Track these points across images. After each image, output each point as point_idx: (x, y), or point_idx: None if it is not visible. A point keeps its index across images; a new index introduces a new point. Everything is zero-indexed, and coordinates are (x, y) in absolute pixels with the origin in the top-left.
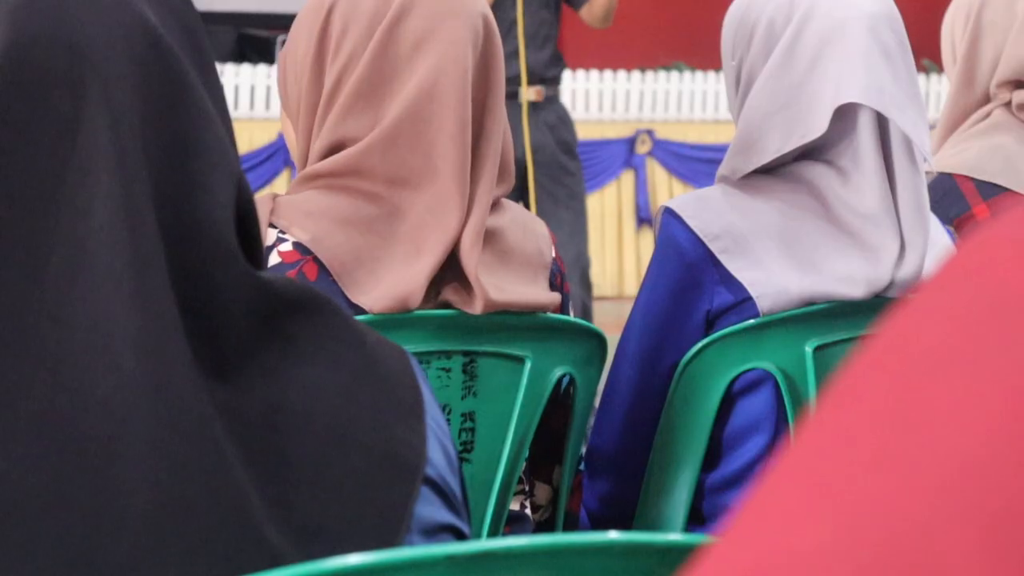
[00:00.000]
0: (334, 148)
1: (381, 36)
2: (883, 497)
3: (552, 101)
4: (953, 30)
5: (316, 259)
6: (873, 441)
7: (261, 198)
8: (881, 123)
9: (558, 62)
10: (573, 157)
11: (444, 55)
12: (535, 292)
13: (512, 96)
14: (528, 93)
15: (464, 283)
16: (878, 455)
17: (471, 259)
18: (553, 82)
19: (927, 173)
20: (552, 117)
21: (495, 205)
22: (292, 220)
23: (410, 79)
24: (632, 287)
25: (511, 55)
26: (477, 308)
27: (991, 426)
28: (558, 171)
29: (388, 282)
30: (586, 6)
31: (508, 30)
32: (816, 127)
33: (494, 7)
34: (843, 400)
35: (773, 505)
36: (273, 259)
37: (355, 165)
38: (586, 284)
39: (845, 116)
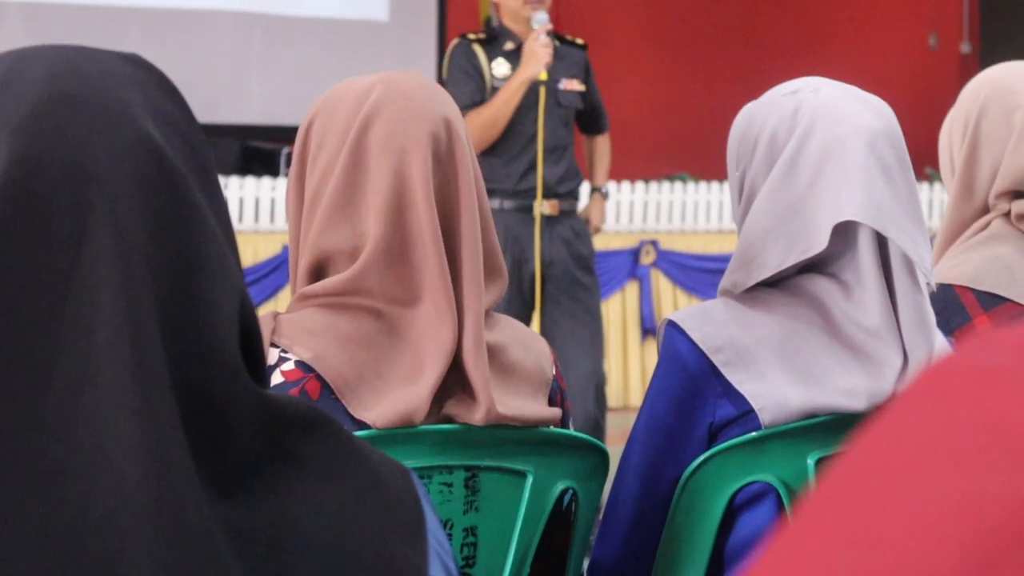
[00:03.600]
0: (320, 261)
1: (350, 146)
2: None
3: (568, 215)
4: (951, 141)
5: (319, 376)
6: (828, 558)
7: (262, 317)
8: (881, 239)
9: (575, 176)
10: (589, 272)
11: (402, 162)
12: (536, 408)
13: (527, 209)
14: (543, 207)
15: (466, 394)
16: (832, 572)
17: (478, 370)
18: (569, 196)
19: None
20: (567, 231)
21: (491, 319)
22: (294, 339)
23: (379, 188)
24: (637, 398)
25: (529, 169)
26: (479, 417)
27: (938, 549)
28: (573, 286)
29: (391, 398)
30: (600, 138)
31: (527, 144)
32: (816, 243)
33: (515, 121)
34: (804, 519)
35: None
36: (276, 378)
37: (355, 286)
38: (601, 401)
39: (846, 231)
